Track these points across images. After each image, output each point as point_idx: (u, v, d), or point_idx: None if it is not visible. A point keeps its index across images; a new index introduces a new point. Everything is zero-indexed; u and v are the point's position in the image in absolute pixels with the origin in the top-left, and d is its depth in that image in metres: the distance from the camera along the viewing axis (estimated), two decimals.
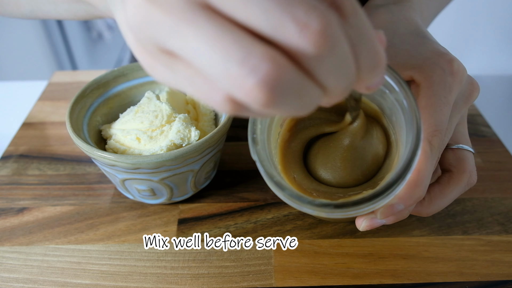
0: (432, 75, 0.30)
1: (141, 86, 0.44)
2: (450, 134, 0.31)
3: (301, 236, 0.38)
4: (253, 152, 0.27)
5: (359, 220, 0.31)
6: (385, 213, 0.29)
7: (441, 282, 0.34)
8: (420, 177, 0.28)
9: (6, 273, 0.35)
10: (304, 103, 0.18)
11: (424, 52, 0.31)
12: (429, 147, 0.28)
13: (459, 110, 0.32)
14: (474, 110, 0.53)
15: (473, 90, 0.32)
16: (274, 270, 0.35)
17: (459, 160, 0.32)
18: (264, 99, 0.16)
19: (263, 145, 0.28)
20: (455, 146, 0.33)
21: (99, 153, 0.34)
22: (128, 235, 0.38)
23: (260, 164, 0.27)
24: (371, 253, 0.36)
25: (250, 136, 0.27)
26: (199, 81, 0.17)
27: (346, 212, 0.26)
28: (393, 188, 0.26)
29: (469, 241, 0.37)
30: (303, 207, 0.27)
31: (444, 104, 0.29)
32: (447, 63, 0.30)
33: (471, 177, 0.32)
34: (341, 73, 0.17)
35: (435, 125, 0.28)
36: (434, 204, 0.32)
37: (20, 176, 0.44)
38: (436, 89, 0.29)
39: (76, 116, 0.38)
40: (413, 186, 0.27)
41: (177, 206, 0.41)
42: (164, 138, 0.37)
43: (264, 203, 0.41)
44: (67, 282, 0.34)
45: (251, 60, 0.16)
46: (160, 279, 0.34)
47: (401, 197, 0.28)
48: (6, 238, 0.38)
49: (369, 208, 0.26)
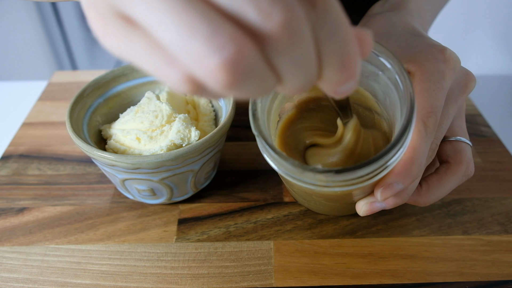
0: (426, 64, 0.31)
1: (141, 86, 0.44)
2: (448, 122, 0.32)
3: (301, 236, 0.38)
4: (254, 127, 0.28)
5: (359, 204, 0.31)
6: (384, 192, 0.29)
7: (441, 282, 0.34)
8: (416, 155, 0.28)
9: (6, 273, 0.35)
10: (261, 88, 0.17)
11: (418, 46, 0.32)
12: (424, 127, 0.29)
13: (455, 99, 0.32)
14: (474, 110, 0.53)
15: (469, 80, 0.33)
16: (274, 270, 0.35)
17: (457, 151, 0.33)
18: (227, 80, 0.15)
19: (263, 122, 0.29)
20: (452, 139, 0.34)
21: (99, 153, 0.34)
22: (128, 235, 0.38)
23: (261, 137, 0.27)
24: (371, 253, 0.36)
25: (251, 112, 0.28)
26: (157, 55, 0.16)
27: (346, 177, 0.26)
28: (390, 154, 0.26)
29: (469, 241, 0.37)
30: (304, 176, 0.27)
31: (438, 89, 0.30)
32: (439, 52, 0.31)
33: (468, 168, 0.33)
34: (299, 69, 0.17)
35: (429, 107, 0.29)
36: (432, 193, 0.32)
37: (20, 176, 0.44)
38: (430, 76, 0.30)
39: (76, 116, 0.38)
40: (409, 163, 0.28)
41: (177, 206, 0.41)
42: (164, 138, 0.37)
43: (264, 203, 0.41)
44: (67, 282, 0.34)
45: (218, 38, 0.15)
46: (160, 279, 0.34)
47: (397, 174, 0.28)
48: (6, 238, 0.38)
49: (368, 176, 0.27)
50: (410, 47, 0.33)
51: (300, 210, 0.40)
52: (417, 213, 0.39)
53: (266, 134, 0.28)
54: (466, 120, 0.50)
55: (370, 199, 0.31)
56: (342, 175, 0.26)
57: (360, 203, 0.31)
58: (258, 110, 0.28)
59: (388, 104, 0.32)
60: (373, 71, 0.31)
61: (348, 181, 0.27)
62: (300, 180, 0.28)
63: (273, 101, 0.32)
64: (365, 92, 0.34)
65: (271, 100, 0.32)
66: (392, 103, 0.31)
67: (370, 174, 0.27)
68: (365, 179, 0.27)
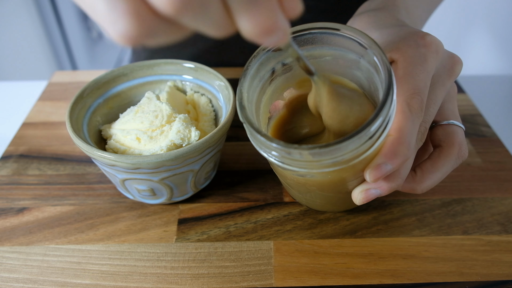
0: (407, 50, 0.31)
1: (141, 86, 0.44)
2: (436, 105, 0.32)
3: (301, 236, 0.38)
4: (241, 115, 0.29)
5: (355, 193, 0.31)
6: (373, 173, 0.29)
7: (441, 282, 0.34)
8: (402, 134, 0.28)
9: (6, 273, 0.35)
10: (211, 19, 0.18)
11: (400, 35, 0.33)
12: (408, 107, 0.29)
13: (443, 83, 0.32)
14: (474, 110, 0.53)
15: (455, 63, 0.33)
16: (274, 270, 0.35)
17: (448, 134, 0.33)
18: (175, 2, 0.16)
19: (251, 111, 0.30)
20: (444, 122, 0.34)
21: (99, 153, 0.34)
22: (128, 235, 0.38)
23: (248, 123, 0.28)
24: (371, 253, 0.36)
25: (238, 101, 0.29)
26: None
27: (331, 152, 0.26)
28: (373, 126, 0.26)
29: (469, 241, 0.37)
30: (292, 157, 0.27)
31: (421, 72, 0.30)
32: (420, 38, 0.31)
33: (460, 149, 0.33)
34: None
35: (413, 88, 0.29)
36: (427, 179, 0.32)
37: (20, 176, 0.44)
38: (411, 60, 0.30)
39: (76, 116, 0.38)
40: (396, 143, 0.28)
41: (177, 206, 0.41)
42: (164, 138, 0.37)
43: (264, 203, 0.41)
44: (67, 282, 0.34)
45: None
46: (160, 279, 0.34)
47: (384, 154, 0.28)
48: (6, 238, 0.38)
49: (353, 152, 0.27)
50: (392, 37, 0.33)
51: (300, 210, 0.40)
52: (417, 213, 0.39)
53: (252, 120, 0.28)
54: (466, 120, 0.50)
55: (364, 186, 0.31)
56: (327, 149, 0.26)
57: (355, 191, 0.31)
58: (244, 99, 0.29)
59: (373, 91, 0.32)
60: (354, 59, 0.32)
61: (335, 159, 0.27)
62: (290, 164, 0.28)
63: (261, 95, 0.33)
64: (351, 83, 0.34)
65: (258, 94, 0.33)
66: (376, 88, 0.31)
67: (356, 150, 0.27)
68: (353, 157, 0.27)
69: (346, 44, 0.31)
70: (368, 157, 0.28)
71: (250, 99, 0.31)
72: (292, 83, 0.35)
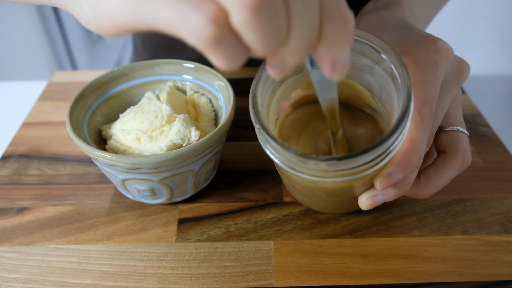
0: (418, 55, 0.31)
1: (141, 86, 0.44)
2: (443, 111, 0.32)
3: (301, 236, 0.38)
4: (255, 119, 0.28)
5: (362, 198, 0.31)
6: (383, 182, 0.29)
7: (441, 282, 0.34)
8: (414, 144, 0.28)
9: (6, 273, 0.35)
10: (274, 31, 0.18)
11: (410, 39, 0.33)
12: (419, 116, 0.29)
13: (450, 88, 0.32)
14: (474, 110, 0.53)
15: (463, 68, 0.33)
16: (274, 270, 0.35)
17: (453, 141, 0.33)
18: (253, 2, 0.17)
19: (264, 115, 0.29)
20: (449, 128, 0.34)
21: (99, 153, 0.34)
22: (128, 235, 0.38)
23: (262, 129, 0.28)
24: (371, 253, 0.36)
25: (252, 105, 0.29)
26: None
27: (348, 165, 0.26)
28: (391, 139, 0.26)
29: (469, 241, 0.37)
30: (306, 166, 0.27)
31: (432, 79, 0.30)
32: (431, 43, 0.31)
33: (465, 157, 0.33)
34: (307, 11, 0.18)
35: (424, 97, 0.29)
36: (431, 185, 0.33)
37: (20, 176, 0.44)
38: (423, 66, 0.30)
39: (76, 116, 0.38)
40: (408, 152, 0.28)
41: (177, 206, 0.41)
42: (164, 138, 0.37)
43: (264, 203, 0.41)
44: (67, 282, 0.34)
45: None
46: (160, 279, 0.34)
47: (396, 163, 0.28)
48: (6, 238, 0.38)
49: (369, 164, 0.27)
50: (402, 40, 0.33)
51: (300, 210, 0.40)
52: (417, 213, 0.39)
53: (267, 126, 0.28)
54: (466, 120, 0.50)
55: (371, 192, 0.31)
56: (344, 162, 0.26)
57: (362, 197, 0.31)
58: (258, 103, 0.29)
59: (384, 97, 0.32)
60: (368, 64, 0.31)
61: (350, 170, 0.27)
62: (302, 172, 0.28)
63: (272, 98, 0.33)
64: (360, 87, 0.34)
65: (269, 96, 0.32)
66: (389, 95, 0.31)
67: (371, 162, 0.27)
68: (367, 168, 0.27)
69: (362, 49, 0.31)
70: (381, 167, 0.28)
71: (262, 102, 0.30)
72: (301, 84, 0.35)
